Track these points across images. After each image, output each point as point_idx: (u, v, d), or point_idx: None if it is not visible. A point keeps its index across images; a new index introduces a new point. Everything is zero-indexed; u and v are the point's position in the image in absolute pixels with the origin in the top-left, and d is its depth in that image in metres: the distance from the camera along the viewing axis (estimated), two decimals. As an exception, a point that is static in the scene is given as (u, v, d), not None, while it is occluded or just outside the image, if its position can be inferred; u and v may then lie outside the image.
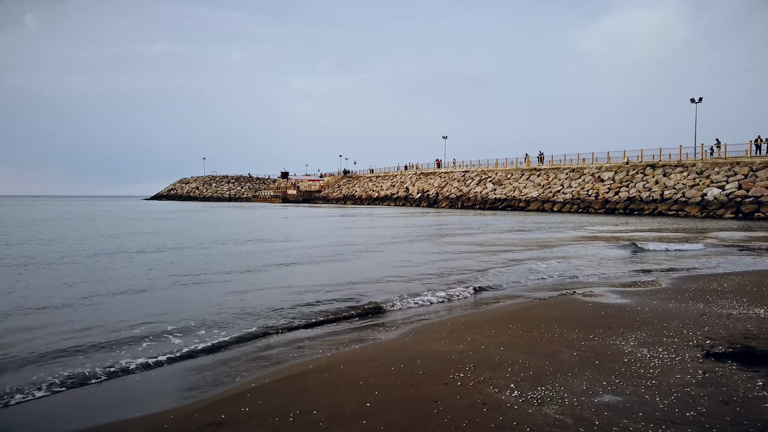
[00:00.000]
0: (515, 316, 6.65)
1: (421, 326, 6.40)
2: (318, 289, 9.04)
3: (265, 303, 7.87)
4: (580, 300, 7.82)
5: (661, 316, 6.61)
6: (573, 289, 8.87)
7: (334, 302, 8.02)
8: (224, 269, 11.57)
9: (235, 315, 7.10)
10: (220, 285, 9.61)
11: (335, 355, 5.12)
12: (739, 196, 40.64)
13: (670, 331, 5.89)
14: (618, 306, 7.28)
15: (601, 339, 5.54)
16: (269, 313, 7.24)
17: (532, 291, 9.25)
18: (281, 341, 5.96)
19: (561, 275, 11.08)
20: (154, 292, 8.90)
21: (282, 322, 6.74)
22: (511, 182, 63.01)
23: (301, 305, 7.77)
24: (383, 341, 5.70)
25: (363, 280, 10.17)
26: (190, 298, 8.45)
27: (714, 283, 9.32)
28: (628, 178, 50.72)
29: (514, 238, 20.63)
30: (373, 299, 8.22)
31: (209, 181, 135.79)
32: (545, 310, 7.01)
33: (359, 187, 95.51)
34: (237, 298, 8.27)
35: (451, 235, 22.38)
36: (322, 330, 6.50)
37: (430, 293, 8.80)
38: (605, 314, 6.74)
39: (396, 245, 17.27)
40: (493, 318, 6.58)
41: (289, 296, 8.45)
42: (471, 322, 6.35)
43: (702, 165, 46.66)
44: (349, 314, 7.34)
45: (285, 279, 10.47)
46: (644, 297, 8.09)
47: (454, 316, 6.90)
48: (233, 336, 6.05)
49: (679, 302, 7.59)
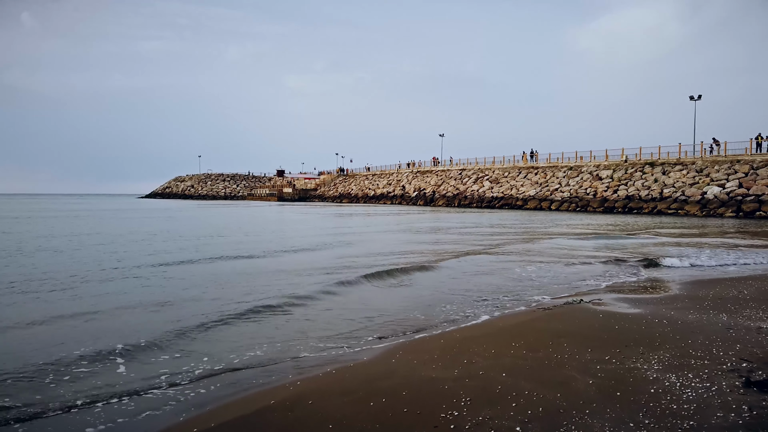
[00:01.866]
0: (518, 331, 5.84)
1: (410, 342, 5.59)
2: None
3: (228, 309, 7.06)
4: (588, 310, 7.02)
5: (682, 331, 5.83)
6: (579, 296, 8.06)
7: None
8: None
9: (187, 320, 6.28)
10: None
11: (304, 383, 4.29)
12: (740, 195, 39.97)
13: (697, 350, 5.10)
14: (632, 317, 6.49)
15: (620, 361, 4.74)
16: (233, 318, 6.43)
17: (535, 297, 8.46)
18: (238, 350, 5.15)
19: (563, 278, 10.30)
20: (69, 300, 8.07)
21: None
22: (509, 180, 62.24)
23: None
24: (364, 362, 4.88)
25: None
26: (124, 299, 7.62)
27: (732, 289, 8.54)
28: (627, 176, 50.00)
29: (512, 237, 19.85)
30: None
31: (204, 179, 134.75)
32: (551, 323, 6.21)
33: (355, 186, 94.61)
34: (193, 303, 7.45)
35: (450, 238, 21.58)
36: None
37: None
38: (619, 328, 5.95)
39: (392, 255, 16.47)
40: (492, 333, 5.77)
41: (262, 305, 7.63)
42: (467, 338, 5.54)
43: (702, 163, 45.97)
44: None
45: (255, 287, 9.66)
46: (659, 306, 7.30)
47: (448, 330, 6.09)
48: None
49: (699, 313, 6.81)
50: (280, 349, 5.49)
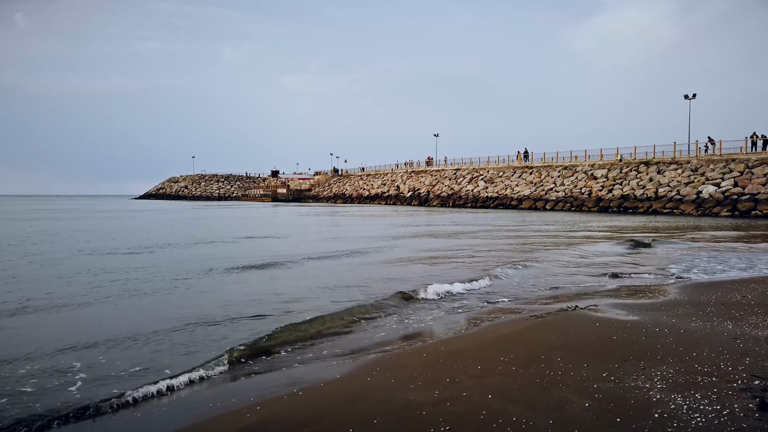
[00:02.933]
0: (508, 343, 5.37)
1: (389, 356, 5.11)
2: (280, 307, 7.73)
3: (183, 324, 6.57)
4: (584, 317, 6.56)
5: (686, 342, 5.37)
6: (574, 302, 7.60)
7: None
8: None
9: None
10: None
11: (265, 408, 3.81)
12: (735, 194, 39.72)
13: (703, 364, 4.64)
14: (631, 326, 6.03)
15: (619, 379, 4.28)
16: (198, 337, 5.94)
17: (527, 303, 8.01)
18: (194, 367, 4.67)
19: (557, 280, 9.86)
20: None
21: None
22: (503, 180, 61.85)
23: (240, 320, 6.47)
24: (335, 382, 4.40)
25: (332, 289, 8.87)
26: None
27: (735, 293, 8.10)
28: (622, 175, 49.69)
29: (508, 236, 19.41)
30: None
31: (198, 180, 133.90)
32: (544, 333, 5.74)
33: (350, 186, 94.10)
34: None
35: (443, 237, 21.13)
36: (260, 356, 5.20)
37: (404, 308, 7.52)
38: (617, 339, 5.49)
39: (383, 251, 15.99)
40: (480, 345, 5.29)
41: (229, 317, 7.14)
42: (452, 352, 5.07)
43: (697, 162, 45.71)
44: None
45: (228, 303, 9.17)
46: (659, 312, 6.85)
47: (432, 342, 5.62)
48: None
49: (703, 320, 6.36)
50: (242, 361, 5.01)
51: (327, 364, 4.97)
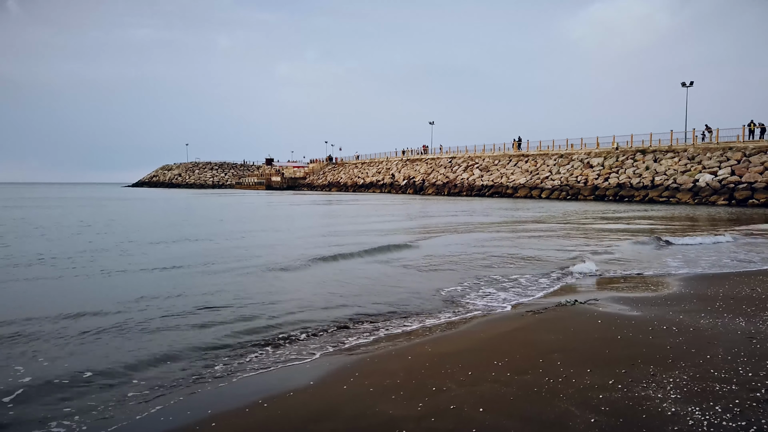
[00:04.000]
0: (502, 344, 4.87)
1: (370, 359, 4.61)
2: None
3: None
4: (584, 313, 6.07)
5: (697, 342, 4.89)
6: (573, 296, 7.11)
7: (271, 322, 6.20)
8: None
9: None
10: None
11: (221, 424, 3.29)
12: (732, 182, 39.32)
13: (719, 368, 4.16)
14: (636, 324, 5.54)
15: (627, 387, 3.78)
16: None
17: (523, 296, 7.51)
18: (148, 376, 4.15)
19: (553, 270, 9.37)
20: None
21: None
22: (499, 168, 61.31)
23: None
24: (306, 390, 3.89)
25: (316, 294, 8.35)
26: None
27: (744, 286, 7.63)
28: (618, 164, 49.22)
29: (504, 227, 18.93)
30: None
31: (192, 167, 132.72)
32: (542, 333, 5.24)
33: (345, 174, 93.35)
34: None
35: (438, 223, 20.62)
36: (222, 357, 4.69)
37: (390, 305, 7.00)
38: (623, 338, 5.00)
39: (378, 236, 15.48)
40: (470, 348, 4.79)
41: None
42: (440, 355, 4.56)
43: (693, 150, 45.25)
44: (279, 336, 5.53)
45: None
46: (665, 307, 6.37)
47: (417, 342, 5.11)
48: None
49: (712, 316, 5.88)
50: (205, 366, 4.49)
51: (301, 367, 4.45)
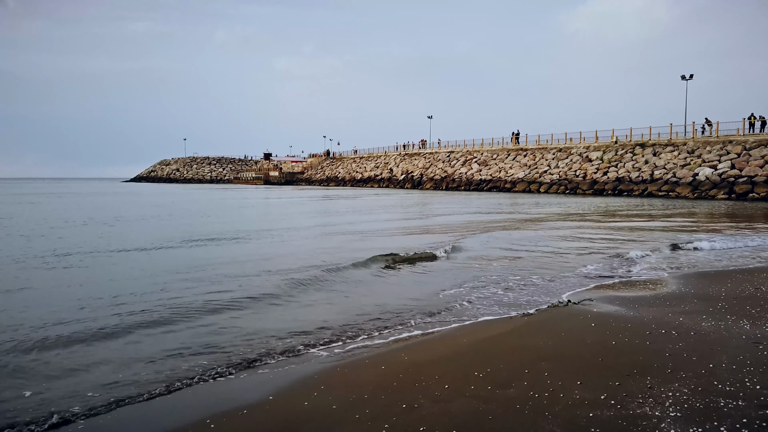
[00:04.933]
0: (486, 351, 4.46)
1: (340, 368, 4.19)
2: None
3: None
4: (577, 316, 5.66)
5: (699, 348, 4.48)
6: (567, 297, 6.70)
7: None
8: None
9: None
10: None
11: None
12: (732, 176, 38.87)
13: (724, 380, 3.75)
14: (633, 327, 5.14)
15: (621, 403, 3.38)
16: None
17: (511, 294, 7.11)
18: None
19: (546, 268, 8.97)
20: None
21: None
22: (497, 163, 60.84)
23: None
24: (261, 405, 3.48)
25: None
26: None
27: (747, 285, 7.23)
28: (617, 157, 48.77)
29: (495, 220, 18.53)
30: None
31: (190, 162, 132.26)
32: (530, 338, 4.83)
33: (343, 169, 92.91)
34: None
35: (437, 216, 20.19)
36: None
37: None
38: (617, 344, 4.59)
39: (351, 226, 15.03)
40: (451, 355, 4.37)
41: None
42: (416, 365, 4.15)
43: (693, 144, 44.79)
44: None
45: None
46: (663, 308, 5.96)
47: (395, 349, 4.69)
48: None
49: (715, 318, 5.47)
50: (142, 375, 4.08)
51: (260, 378, 4.04)
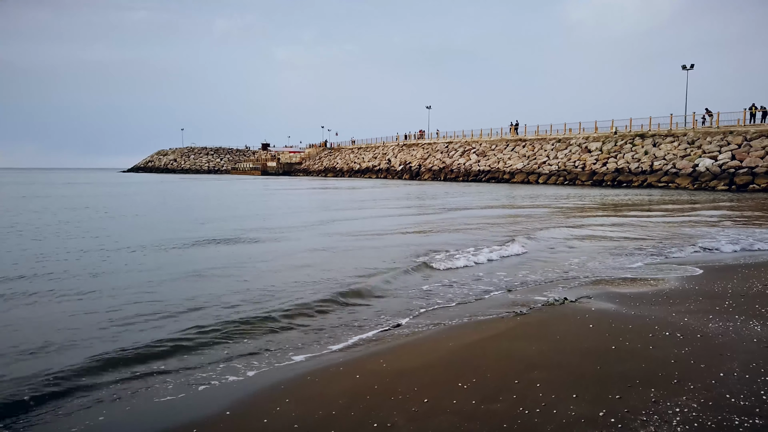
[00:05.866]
0: (472, 357, 4.05)
1: (310, 377, 3.79)
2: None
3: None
4: (574, 315, 5.25)
5: (706, 353, 4.08)
6: (563, 294, 6.28)
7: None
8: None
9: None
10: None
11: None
12: (733, 167, 38.42)
13: (737, 392, 3.35)
14: (634, 327, 4.73)
15: (623, 422, 2.97)
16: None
17: (505, 291, 6.71)
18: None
19: (540, 261, 8.57)
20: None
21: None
22: (496, 153, 60.32)
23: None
24: (215, 422, 3.07)
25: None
26: None
27: (755, 281, 6.82)
28: (617, 148, 48.26)
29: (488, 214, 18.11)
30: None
31: (187, 153, 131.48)
32: (522, 341, 4.42)
33: (341, 159, 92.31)
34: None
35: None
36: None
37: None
38: (618, 349, 4.19)
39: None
40: (434, 362, 3.96)
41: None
42: (395, 373, 3.74)
43: (693, 135, 44.27)
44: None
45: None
46: (666, 306, 5.56)
47: (373, 352, 4.28)
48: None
49: (722, 319, 5.07)
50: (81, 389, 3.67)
51: (219, 390, 3.63)
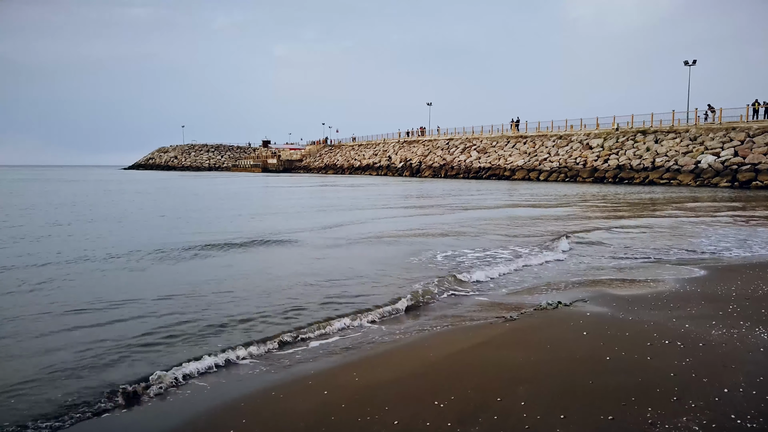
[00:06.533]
0: (452, 368, 3.71)
1: (276, 388, 3.46)
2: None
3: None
4: (567, 320, 4.91)
5: (709, 364, 3.74)
6: (556, 298, 5.94)
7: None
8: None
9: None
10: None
11: None
12: (735, 164, 37.99)
13: (742, 412, 3.01)
14: (631, 335, 4.39)
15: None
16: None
17: (497, 292, 6.37)
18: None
19: (534, 263, 8.23)
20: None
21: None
22: (496, 150, 59.91)
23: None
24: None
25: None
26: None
27: (760, 282, 6.47)
28: (618, 145, 47.83)
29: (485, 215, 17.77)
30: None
31: (188, 150, 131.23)
32: (508, 350, 4.09)
33: (341, 156, 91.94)
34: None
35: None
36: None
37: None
38: (613, 360, 3.85)
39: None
40: (411, 375, 3.62)
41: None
42: (367, 388, 3.41)
43: (696, 131, 43.82)
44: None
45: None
46: (666, 311, 5.22)
47: (346, 363, 3.95)
48: None
49: (726, 325, 4.73)
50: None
51: (168, 406, 3.29)
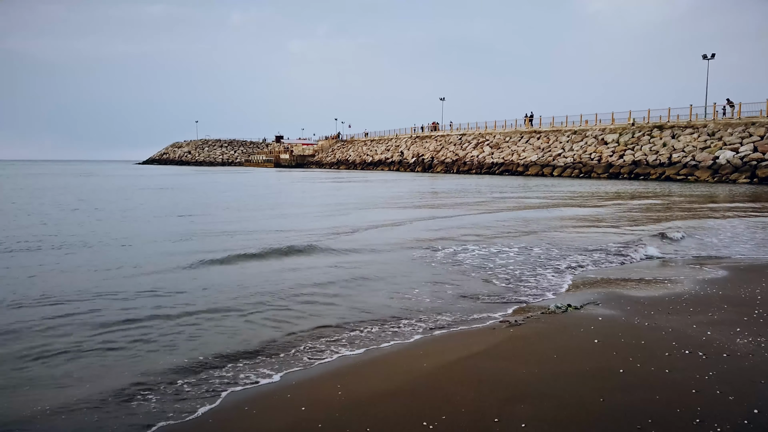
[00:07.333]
0: (446, 381, 3.35)
1: (250, 406, 3.12)
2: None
3: None
4: (577, 326, 4.52)
5: (736, 380, 3.34)
6: (566, 300, 5.53)
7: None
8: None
9: None
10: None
11: None
12: (755, 159, 37.00)
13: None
14: (647, 344, 3.99)
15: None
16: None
17: (503, 293, 5.99)
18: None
19: (545, 264, 7.81)
20: None
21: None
22: (510, 146, 59.17)
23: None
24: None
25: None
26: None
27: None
28: (634, 140, 46.93)
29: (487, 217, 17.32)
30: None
31: (202, 145, 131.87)
32: (510, 362, 3.70)
33: (353, 152, 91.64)
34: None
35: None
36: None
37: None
38: (627, 373, 3.46)
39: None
40: (398, 388, 3.26)
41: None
42: (349, 405, 3.06)
43: (714, 126, 42.81)
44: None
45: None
46: (685, 316, 4.80)
47: (329, 373, 3.60)
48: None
49: (752, 332, 4.30)
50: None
51: (128, 421, 2.97)
